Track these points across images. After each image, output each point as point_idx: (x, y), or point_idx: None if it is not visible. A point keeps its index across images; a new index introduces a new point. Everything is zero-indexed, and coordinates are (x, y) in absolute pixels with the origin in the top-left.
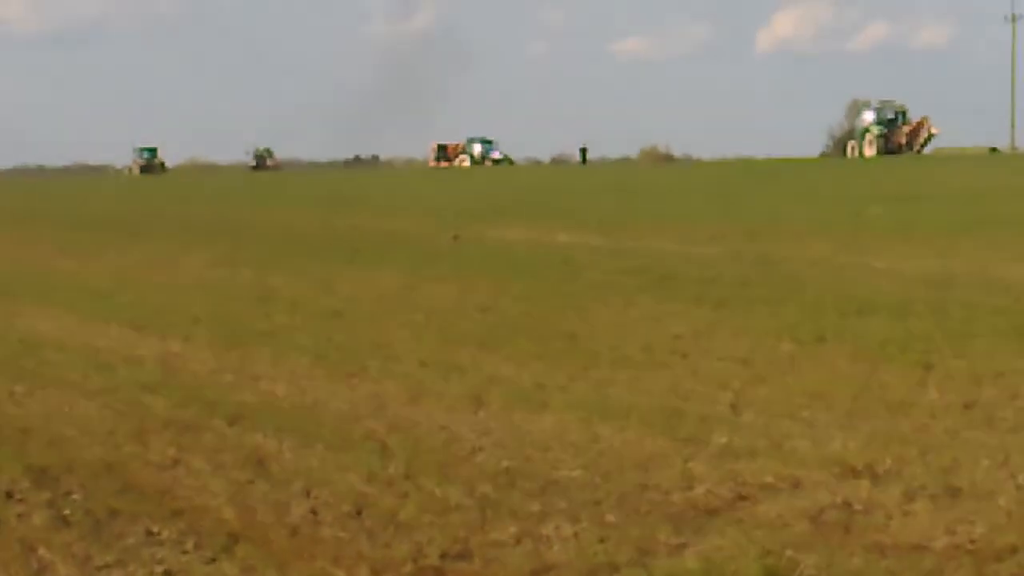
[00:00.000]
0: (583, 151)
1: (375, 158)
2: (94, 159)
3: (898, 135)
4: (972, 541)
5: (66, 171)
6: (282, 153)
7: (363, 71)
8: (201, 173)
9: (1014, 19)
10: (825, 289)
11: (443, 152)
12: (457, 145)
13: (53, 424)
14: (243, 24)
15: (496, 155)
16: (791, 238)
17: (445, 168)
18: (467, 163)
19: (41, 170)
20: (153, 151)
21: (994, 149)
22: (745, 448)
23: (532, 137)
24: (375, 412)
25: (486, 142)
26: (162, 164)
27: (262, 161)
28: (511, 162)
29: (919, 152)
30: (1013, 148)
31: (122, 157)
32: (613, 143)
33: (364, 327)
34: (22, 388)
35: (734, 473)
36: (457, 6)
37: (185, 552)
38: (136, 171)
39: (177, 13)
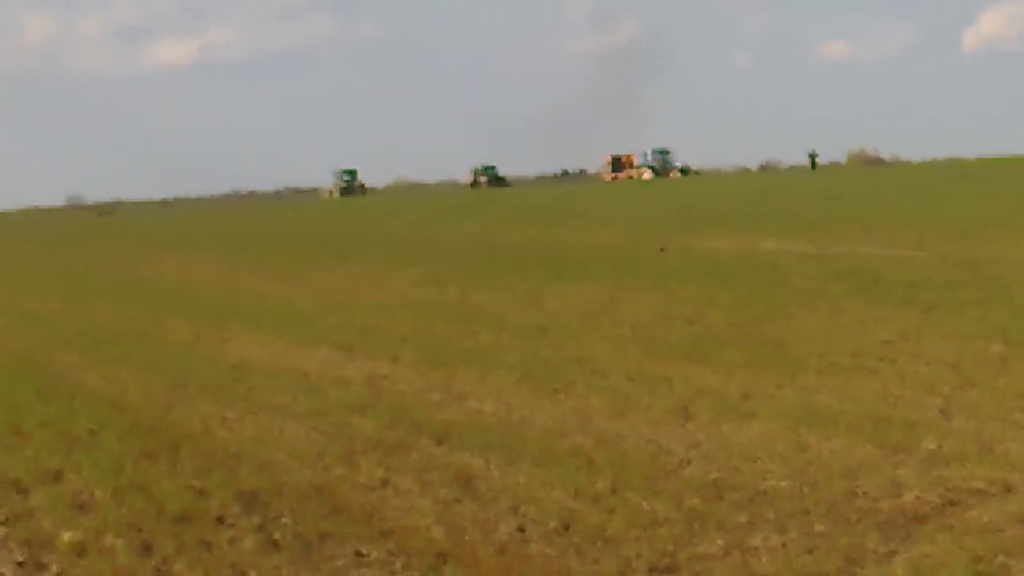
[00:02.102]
0: (812, 157)
1: (582, 172)
2: (304, 182)
3: None
4: None
5: (277, 195)
6: (505, 169)
7: (568, 85)
8: (407, 192)
9: None
10: None
11: (617, 164)
12: (630, 156)
13: (263, 448)
14: (447, 45)
15: (679, 164)
16: (1000, 239)
17: (624, 181)
18: (648, 175)
19: (252, 195)
20: (353, 173)
21: None
22: (955, 453)
23: (737, 144)
24: (581, 427)
25: (663, 152)
26: (362, 186)
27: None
28: (696, 173)
29: None
30: None
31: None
32: (821, 148)
33: (569, 342)
34: (233, 413)
35: (944, 479)
36: (661, 17)
37: (394, 572)
38: (336, 194)
39: (382, 38)
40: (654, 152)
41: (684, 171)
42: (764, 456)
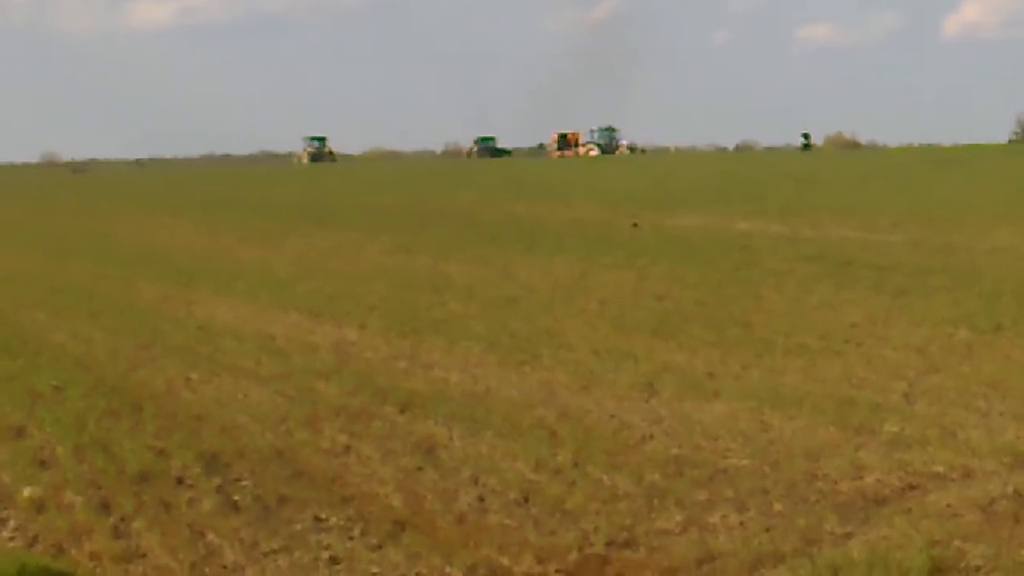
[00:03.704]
0: (806, 136)
1: (540, 146)
2: (280, 147)
3: None
4: None
5: (251, 159)
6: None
7: (550, 59)
8: (381, 160)
9: None
10: (1005, 277)
11: (564, 141)
12: (576, 134)
13: (226, 411)
14: (430, 18)
15: (625, 143)
16: (974, 226)
17: (570, 157)
18: (595, 152)
19: (227, 158)
20: (322, 140)
21: None
22: (917, 437)
23: (714, 123)
24: (546, 400)
25: (610, 130)
26: (331, 153)
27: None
28: (643, 151)
29: None
30: None
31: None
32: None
33: (538, 315)
34: (197, 375)
35: (905, 463)
36: None
37: (352, 538)
38: (305, 160)
39: (365, 6)
40: (600, 130)
41: (631, 149)
42: (726, 434)
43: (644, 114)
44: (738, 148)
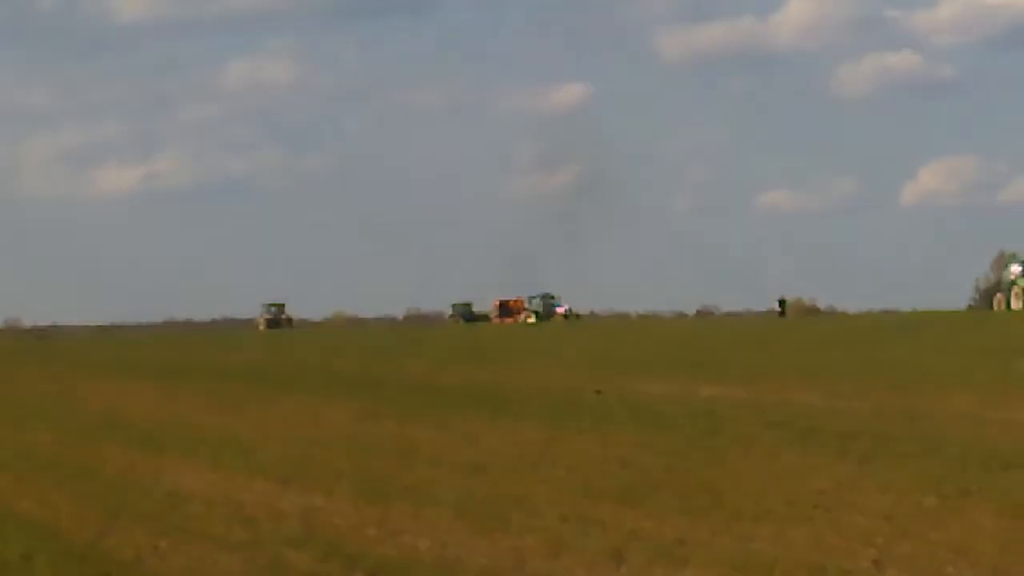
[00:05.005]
0: (782, 303)
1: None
2: (241, 313)
3: None
4: None
5: (213, 324)
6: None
7: (510, 225)
8: (343, 327)
9: None
10: (970, 443)
11: (505, 308)
12: (519, 301)
13: None
14: (393, 180)
15: (563, 309)
16: (936, 392)
17: (510, 324)
18: (532, 319)
19: (189, 324)
20: (280, 306)
21: None
22: None
23: (677, 289)
24: (515, 567)
25: (549, 297)
26: (289, 319)
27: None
28: (579, 317)
29: None
30: None
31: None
32: (756, 296)
33: (505, 481)
34: (166, 543)
35: None
36: (608, 160)
37: None
38: (263, 326)
39: (328, 172)
40: (539, 297)
41: (566, 316)
42: None
43: (605, 279)
44: (699, 313)
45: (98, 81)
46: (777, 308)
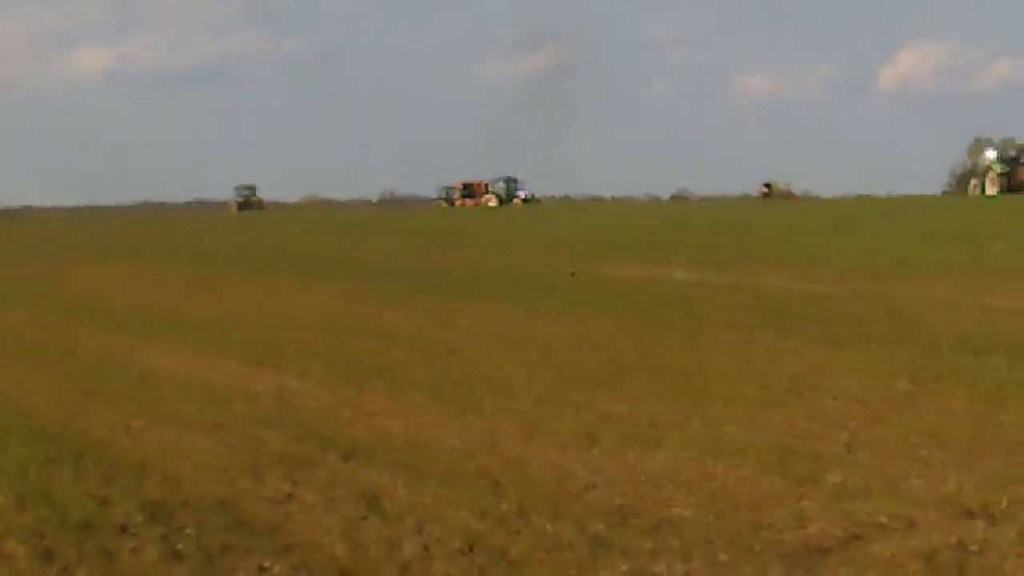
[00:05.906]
0: (768, 186)
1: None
2: (215, 195)
3: (1020, 173)
4: None
5: (187, 207)
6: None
7: (486, 109)
8: (317, 208)
9: None
10: (944, 328)
11: (468, 190)
12: (482, 183)
13: (168, 459)
14: (371, 66)
15: (523, 194)
16: (912, 277)
17: (471, 206)
18: (493, 203)
19: (163, 206)
20: (252, 188)
21: None
22: (859, 488)
23: (651, 172)
24: (488, 449)
25: (512, 181)
26: (260, 201)
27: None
28: (538, 201)
29: None
30: None
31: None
32: (732, 180)
33: (480, 364)
34: (139, 423)
35: (848, 513)
36: (586, 43)
37: None
38: (234, 208)
39: (305, 54)
40: (502, 180)
41: (527, 200)
42: (669, 484)
43: (581, 163)
44: (673, 198)
45: None
46: (764, 191)
